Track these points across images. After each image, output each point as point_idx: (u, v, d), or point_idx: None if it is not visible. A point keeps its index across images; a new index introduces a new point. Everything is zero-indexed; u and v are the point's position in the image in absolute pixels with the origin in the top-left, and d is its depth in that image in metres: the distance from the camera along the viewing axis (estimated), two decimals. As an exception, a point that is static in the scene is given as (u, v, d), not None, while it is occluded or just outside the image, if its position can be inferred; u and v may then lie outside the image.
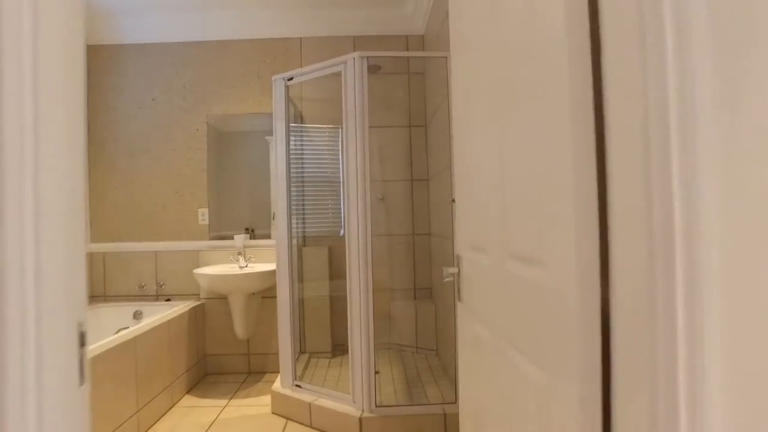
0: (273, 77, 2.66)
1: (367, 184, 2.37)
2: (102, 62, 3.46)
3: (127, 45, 3.46)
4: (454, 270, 1.43)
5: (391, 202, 3.55)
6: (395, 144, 3.55)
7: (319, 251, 3.43)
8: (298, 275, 3.35)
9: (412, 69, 3.56)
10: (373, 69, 3.22)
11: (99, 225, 3.45)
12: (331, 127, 3.53)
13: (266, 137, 3.43)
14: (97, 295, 3.44)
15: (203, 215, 3.42)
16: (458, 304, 1.44)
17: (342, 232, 3.54)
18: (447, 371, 2.99)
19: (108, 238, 3.44)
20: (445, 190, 2.78)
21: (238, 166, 3.49)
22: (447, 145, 2.73)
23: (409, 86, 3.57)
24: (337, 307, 3.48)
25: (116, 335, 2.36)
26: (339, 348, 3.51)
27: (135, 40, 3.44)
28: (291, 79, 2.64)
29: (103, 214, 3.45)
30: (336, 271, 3.49)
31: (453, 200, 2.46)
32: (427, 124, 3.50)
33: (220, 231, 3.43)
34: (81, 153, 0.69)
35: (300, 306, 3.39)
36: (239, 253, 3.21)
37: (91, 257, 3.43)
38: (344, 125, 2.39)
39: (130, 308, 3.24)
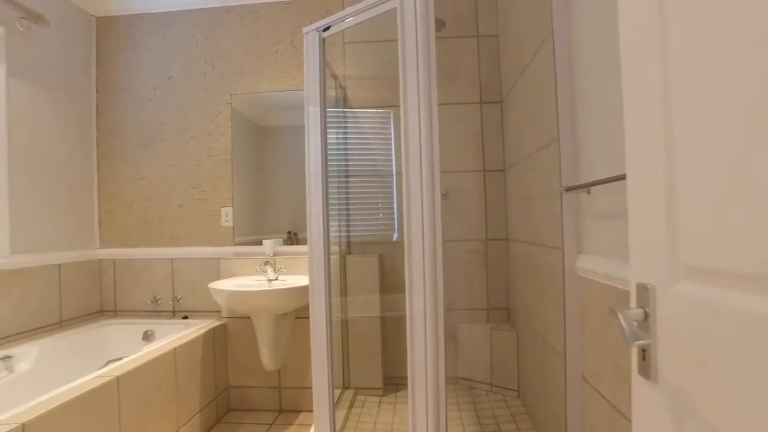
0: (304, 29, 2.00)
1: (436, 176, 1.67)
2: (112, 36, 2.95)
3: (140, 15, 2.93)
4: (635, 313, 0.70)
5: (457, 199, 2.83)
6: (462, 126, 2.83)
7: (367, 260, 2.74)
8: (341, 290, 2.68)
9: (483, 31, 2.82)
10: (438, 25, 2.52)
11: (108, 227, 2.93)
12: (382, 111, 2.86)
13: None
14: (107, 310, 2.91)
15: (227, 215, 2.82)
16: (640, 382, 0.71)
17: (395, 236, 2.88)
18: (534, 420, 2.22)
19: (118, 243, 2.91)
20: (536, 179, 2.03)
21: (275, 158, 2.87)
22: (534, 123, 1.98)
23: (479, 52, 2.83)
24: (391, 329, 2.79)
25: (97, 373, 1.77)
26: (393, 382, 2.81)
27: (149, 8, 2.90)
28: (327, 28, 1.98)
29: (113, 214, 2.93)
30: (388, 285, 2.80)
31: (566, 189, 1.72)
32: (504, 100, 2.75)
33: (251, 234, 2.82)
34: None
35: (342, 329, 2.72)
36: (267, 263, 2.57)
37: (99, 265, 2.91)
38: (402, 97, 1.69)
39: (140, 327, 2.67)
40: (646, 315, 0.69)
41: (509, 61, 2.56)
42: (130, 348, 2.51)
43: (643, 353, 0.69)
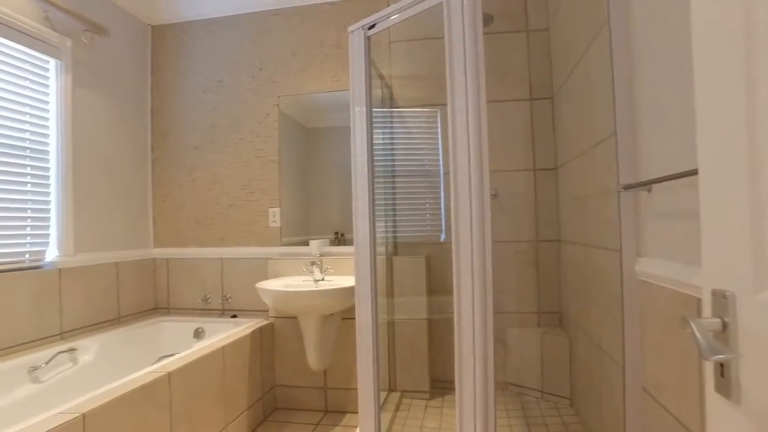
0: (349, 28, 1.99)
1: (485, 176, 1.61)
2: (166, 43, 3.06)
3: (191, 22, 3.02)
4: (712, 323, 0.63)
5: (507, 199, 2.74)
6: (511, 124, 2.74)
7: (414, 261, 2.71)
8: (387, 291, 2.66)
9: (532, 25, 2.73)
10: (486, 20, 2.45)
11: (162, 227, 3.03)
12: (428, 110, 2.82)
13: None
14: (161, 307, 3.01)
15: (274, 216, 2.86)
16: (717, 400, 0.63)
17: (443, 236, 2.83)
18: (589, 431, 2.12)
19: (171, 243, 3.01)
20: (591, 178, 1.93)
21: (322, 159, 2.89)
22: (589, 118, 1.88)
23: (529, 47, 2.74)
24: (438, 332, 2.74)
25: (150, 368, 1.82)
26: (440, 386, 2.77)
27: (199, 15, 2.98)
28: (373, 26, 1.96)
29: (166, 214, 3.03)
30: (436, 286, 2.75)
31: (624, 187, 1.62)
32: (555, 96, 2.65)
33: (298, 235, 2.84)
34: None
35: (389, 331, 2.69)
36: (313, 263, 2.58)
37: (154, 264, 3.01)
38: (450, 96, 1.64)
39: (191, 325, 2.75)
40: (725, 325, 0.62)
41: (561, 54, 2.46)
42: (181, 345, 2.59)
43: (722, 368, 0.62)
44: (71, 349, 2.22)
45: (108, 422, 1.50)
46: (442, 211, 2.83)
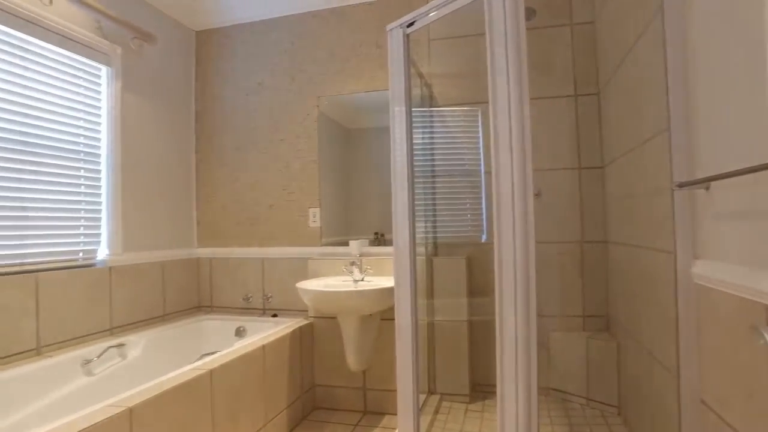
0: (388, 27, 1.97)
1: (528, 175, 1.56)
2: (209, 48, 3.13)
3: (233, 26, 3.08)
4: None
5: (550, 198, 2.66)
6: (555, 121, 2.66)
7: (454, 262, 2.66)
8: (426, 292, 2.62)
9: (577, 18, 2.64)
10: (528, 14, 2.38)
11: (205, 227, 3.10)
12: (469, 109, 2.77)
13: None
14: (204, 306, 3.08)
15: (314, 216, 2.87)
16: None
17: (484, 237, 2.77)
18: (642, 443, 2.02)
19: (215, 242, 3.08)
20: (641, 176, 1.84)
21: (362, 159, 2.89)
22: (639, 113, 1.79)
23: (573, 41, 2.65)
24: (479, 334, 2.69)
25: (193, 365, 1.86)
26: (481, 389, 2.71)
27: (241, 19, 3.04)
28: (412, 24, 1.93)
29: (210, 215, 3.10)
30: (476, 288, 2.70)
31: (679, 185, 1.53)
32: (601, 91, 2.55)
33: (338, 235, 2.85)
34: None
35: (429, 332, 2.66)
36: (353, 263, 2.58)
37: (197, 263, 3.09)
38: (491, 93, 1.60)
39: (233, 323, 2.80)
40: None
41: (608, 48, 2.37)
42: (223, 342, 2.64)
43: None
44: (120, 345, 2.30)
45: (153, 416, 1.53)
46: (483, 211, 2.77)
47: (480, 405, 2.61)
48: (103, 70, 2.46)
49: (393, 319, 1.94)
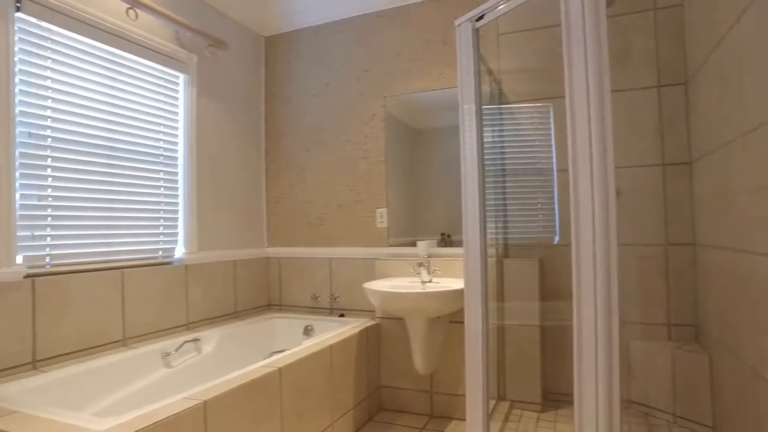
0: (456, 22, 1.92)
1: (610, 173, 1.45)
2: (278, 52, 3.22)
3: (300, 30, 3.15)
4: None
5: (629, 197, 2.49)
6: (635, 115, 2.49)
7: (526, 264, 2.56)
8: (496, 295, 2.54)
9: (661, 2, 2.45)
10: (608, 0, 2.23)
11: (274, 227, 3.19)
12: (540, 105, 2.66)
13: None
14: (273, 304, 3.16)
15: (381, 217, 2.86)
16: None
17: (556, 239, 2.64)
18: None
19: (283, 243, 3.15)
20: (742, 170, 1.66)
21: (428, 160, 2.85)
22: (739, 101, 1.62)
23: (657, 28, 2.46)
24: (552, 340, 2.57)
25: (263, 363, 1.89)
26: (553, 398, 2.59)
27: (308, 22, 3.09)
28: (481, 18, 1.86)
29: (279, 215, 3.18)
30: (549, 291, 2.58)
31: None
32: (689, 80, 2.35)
33: (405, 236, 2.83)
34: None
35: (498, 337, 2.57)
36: (421, 265, 2.54)
37: (267, 262, 3.17)
38: (568, 87, 1.51)
39: (301, 322, 2.84)
40: None
41: (700, 31, 2.17)
42: (291, 341, 2.68)
43: None
44: (195, 339, 2.39)
45: (225, 411, 1.57)
46: (556, 212, 2.65)
47: (553, 414, 2.49)
48: (181, 78, 2.58)
49: (461, 322, 1.88)
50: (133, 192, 2.29)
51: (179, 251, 2.55)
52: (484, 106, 2.00)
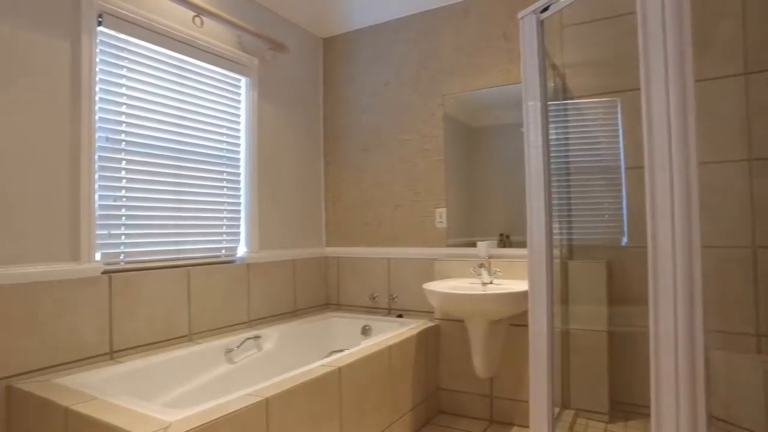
0: (519, 14, 1.85)
1: (693, 169, 1.35)
2: (336, 53, 3.25)
3: (358, 30, 3.17)
4: None
5: (708, 195, 2.30)
6: (712, 106, 2.30)
7: (592, 267, 2.43)
8: (561, 299, 2.43)
9: (747, -17, 2.25)
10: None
11: (334, 227, 3.22)
12: (606, 100, 2.52)
13: (522, 129, 2.64)
14: (331, 303, 3.19)
15: (441, 216, 2.82)
16: None
17: (624, 240, 2.50)
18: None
19: (342, 242, 3.17)
20: None
21: (486, 159, 2.79)
22: None
23: (745, 9, 2.27)
24: (620, 347, 2.43)
25: (322, 362, 1.90)
26: (622, 408, 2.44)
27: (365, 22, 3.10)
28: (546, 9, 1.79)
29: (337, 215, 3.20)
30: (618, 295, 2.44)
31: None
32: (780, 67, 2.14)
33: (463, 236, 2.77)
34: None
35: (563, 342, 2.46)
36: (481, 266, 2.47)
37: (326, 262, 3.21)
38: (644, 77, 1.41)
39: (359, 322, 2.85)
40: None
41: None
42: (350, 340, 2.69)
43: None
44: (256, 336, 2.45)
45: (286, 408, 1.59)
46: (624, 212, 2.50)
47: (621, 426, 2.35)
48: (242, 81, 2.66)
49: (523, 326, 1.82)
50: (198, 192, 2.38)
51: (241, 250, 2.62)
52: (548, 102, 1.92)
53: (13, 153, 1.68)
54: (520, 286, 2.26)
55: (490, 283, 2.41)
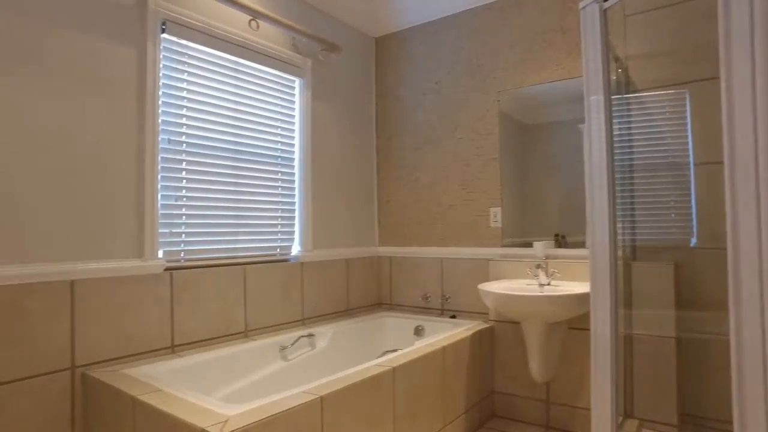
0: (581, 4, 1.77)
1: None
2: (388, 52, 3.24)
3: (410, 29, 3.14)
4: None
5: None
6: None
7: (659, 269, 2.30)
8: (624, 302, 2.31)
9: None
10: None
11: (386, 227, 3.21)
12: (673, 92, 2.38)
13: (578, 125, 2.53)
14: (384, 303, 3.19)
15: (496, 216, 2.75)
16: None
17: (693, 241, 2.35)
18: None
19: (394, 242, 3.16)
20: None
21: (540, 157, 2.70)
22: None
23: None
24: (691, 354, 2.28)
25: (376, 361, 1.90)
26: (692, 422, 2.29)
27: (417, 20, 3.07)
28: (611, -3, 1.70)
29: (390, 215, 3.19)
30: (688, 299, 2.29)
31: None
32: None
33: (518, 236, 2.70)
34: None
35: (627, 347, 2.34)
36: (538, 266, 2.39)
37: (379, 261, 3.20)
38: (725, 64, 1.31)
39: (412, 322, 2.83)
40: None
41: None
42: (402, 340, 2.68)
43: None
44: (310, 335, 2.47)
45: (341, 407, 1.59)
46: (693, 211, 2.35)
47: (693, 439, 2.21)
48: (296, 82, 2.70)
49: (581, 329, 1.74)
50: (255, 192, 2.43)
51: (295, 249, 2.66)
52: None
53: (88, 156, 1.78)
54: (580, 288, 2.18)
55: (548, 284, 2.33)
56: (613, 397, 1.72)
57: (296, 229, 2.68)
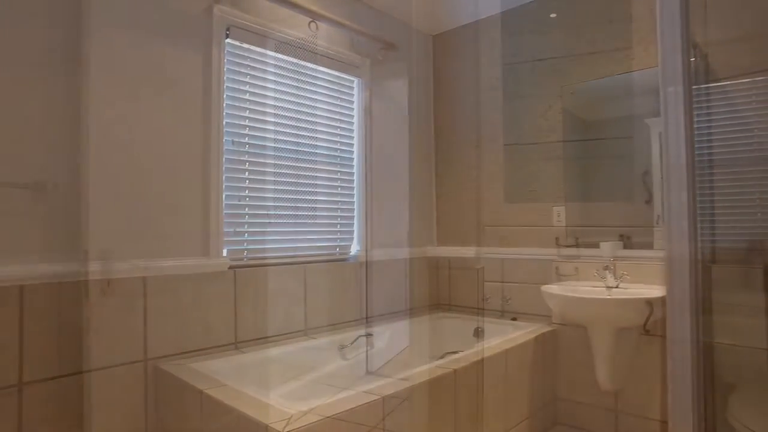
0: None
1: None
2: (445, 49, 3.20)
3: (467, 25, 3.09)
4: None
5: None
6: None
7: (743, 272, 2.12)
8: (703, 307, 2.15)
9: None
10: None
11: (444, 227, 3.17)
12: (761, 80, 2.19)
13: (645, 120, 2.39)
14: (443, 303, 3.14)
15: (559, 215, 2.64)
16: None
17: (784, 242, 2.15)
18: None
19: (453, 242, 3.11)
20: None
21: (602, 154, 2.57)
22: None
23: None
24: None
25: (437, 363, 1.87)
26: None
27: (474, 17, 3.00)
28: (693, -24, 1.57)
29: (448, 215, 3.15)
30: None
31: None
32: None
33: (582, 237, 2.57)
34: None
35: (706, 356, 2.17)
36: (606, 268, 2.27)
37: (437, 262, 3.16)
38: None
39: (471, 323, 2.77)
40: None
41: None
42: (462, 342, 2.62)
43: None
44: (368, 334, 2.48)
45: (402, 408, 1.57)
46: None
47: (784, 459, 2.01)
48: (355, 82, 2.71)
49: (654, 335, 1.62)
50: (315, 192, 2.47)
51: (354, 248, 2.67)
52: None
53: (158, 157, 1.87)
54: (651, 291, 2.04)
55: (616, 287, 2.21)
56: (695, 411, 1.60)
57: (355, 228, 2.69)
